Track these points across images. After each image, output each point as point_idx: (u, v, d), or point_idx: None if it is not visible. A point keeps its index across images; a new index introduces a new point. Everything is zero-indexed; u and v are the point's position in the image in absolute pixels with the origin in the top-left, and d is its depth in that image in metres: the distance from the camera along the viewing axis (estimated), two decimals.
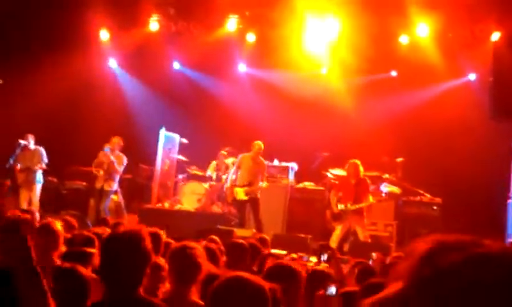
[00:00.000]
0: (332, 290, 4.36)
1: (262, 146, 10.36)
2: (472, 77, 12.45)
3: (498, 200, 9.97)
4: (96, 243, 4.50)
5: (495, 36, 11.23)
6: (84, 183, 12.21)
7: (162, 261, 4.14)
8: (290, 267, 3.87)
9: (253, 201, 10.26)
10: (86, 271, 3.42)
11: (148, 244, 2.85)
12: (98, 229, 5.53)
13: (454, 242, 1.12)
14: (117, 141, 11.01)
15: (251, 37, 13.04)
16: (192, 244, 3.89)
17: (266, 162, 10.72)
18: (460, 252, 1.06)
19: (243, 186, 10.32)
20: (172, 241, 5.55)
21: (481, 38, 11.51)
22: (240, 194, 10.32)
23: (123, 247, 2.75)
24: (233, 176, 10.49)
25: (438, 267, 1.05)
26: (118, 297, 2.71)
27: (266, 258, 5.34)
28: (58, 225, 4.54)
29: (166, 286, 3.98)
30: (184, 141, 12.53)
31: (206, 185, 11.81)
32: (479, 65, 11.88)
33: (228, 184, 10.60)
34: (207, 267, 3.81)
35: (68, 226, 5.64)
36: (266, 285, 2.40)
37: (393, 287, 1.19)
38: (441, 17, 11.30)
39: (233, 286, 2.31)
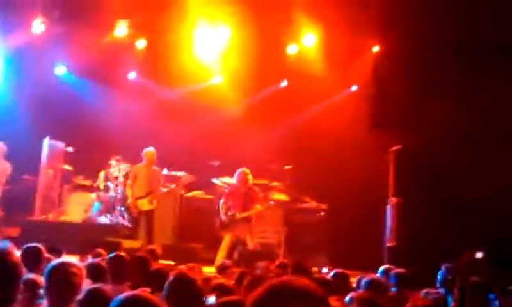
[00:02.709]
0: (210, 300, 4.42)
1: (152, 152, 10.16)
2: (355, 88, 13.02)
3: (378, 205, 10.52)
4: None
5: (376, 48, 11.86)
6: None
7: (39, 278, 4.00)
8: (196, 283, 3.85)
9: (147, 212, 10.04)
10: None
11: (16, 259, 2.76)
12: None
13: None
14: (0, 147, 10.49)
15: (141, 43, 12.85)
16: (69, 261, 3.79)
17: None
18: None
19: (146, 196, 10.08)
20: (52, 257, 5.37)
21: (362, 50, 12.10)
22: (145, 204, 10.03)
23: None
24: (130, 190, 10.14)
25: None
26: None
27: (156, 270, 5.30)
28: None
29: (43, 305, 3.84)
30: (69, 149, 12.08)
31: (93, 195, 11.48)
32: (360, 77, 12.46)
33: (130, 198, 10.22)
34: (86, 284, 3.73)
35: None
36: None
37: None
38: (325, 28, 11.75)
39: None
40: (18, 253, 3.68)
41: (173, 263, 7.38)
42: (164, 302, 2.46)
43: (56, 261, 3.84)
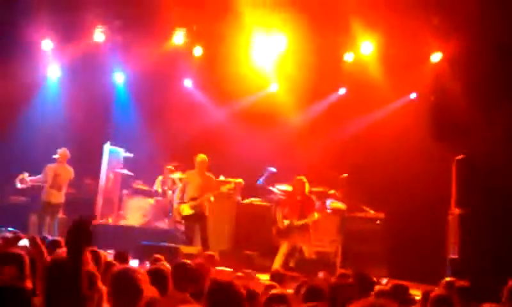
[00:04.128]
0: None
1: (203, 158, 10.17)
2: (414, 96, 12.76)
3: (439, 216, 10.24)
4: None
5: (436, 56, 11.59)
6: (24, 198, 11.82)
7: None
8: (238, 292, 3.83)
9: (201, 218, 10.10)
10: None
11: (90, 272, 2.80)
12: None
13: None
14: (64, 152, 10.80)
15: (198, 51, 13.00)
16: (133, 267, 3.83)
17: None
18: None
19: (188, 201, 10.20)
20: (114, 262, 5.44)
21: (422, 57, 11.85)
22: (186, 209, 10.13)
23: (64, 272, 2.68)
24: (180, 194, 10.30)
25: None
26: None
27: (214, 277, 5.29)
28: None
29: None
30: (129, 155, 12.33)
31: (151, 201, 11.65)
32: (420, 84, 12.21)
33: (175, 203, 10.40)
34: (149, 291, 3.74)
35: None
36: None
37: None
38: (383, 36, 11.57)
39: None
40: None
41: (231, 270, 7.38)
42: None
43: (120, 267, 3.87)
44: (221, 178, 11.10)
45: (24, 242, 4.98)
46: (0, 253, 4.05)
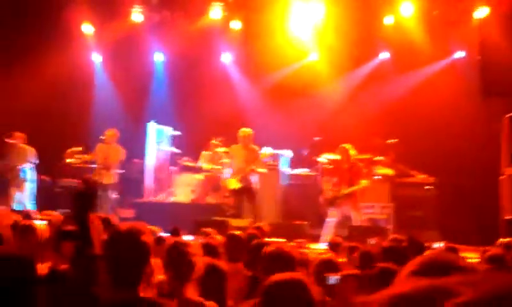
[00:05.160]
0: (333, 279, 4.37)
1: (248, 132, 10.21)
2: (460, 55, 12.42)
3: (490, 177, 10.00)
4: None
5: (482, 12, 11.21)
6: (76, 180, 12.08)
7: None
8: (291, 255, 3.87)
9: (248, 191, 10.21)
10: None
11: (150, 242, 2.83)
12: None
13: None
14: (113, 133, 10.98)
15: (235, 24, 12.94)
16: (186, 240, 3.90)
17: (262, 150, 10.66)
18: None
19: (235, 175, 10.31)
20: (165, 236, 5.53)
21: (467, 14, 11.50)
22: (233, 183, 10.29)
23: (125, 243, 2.75)
24: (227, 169, 10.47)
25: None
26: (122, 295, 2.70)
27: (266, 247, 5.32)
28: (40, 224, 4.53)
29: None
30: (176, 132, 12.44)
31: (199, 176, 11.75)
32: (466, 43, 11.86)
33: (223, 178, 10.57)
34: (203, 261, 3.80)
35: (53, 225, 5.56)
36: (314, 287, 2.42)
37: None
38: None
39: (285, 287, 2.30)
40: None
41: (283, 240, 7.38)
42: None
43: (173, 240, 3.94)
44: (270, 150, 11.07)
45: None
46: (59, 231, 4.17)
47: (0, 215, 5.46)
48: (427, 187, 10.76)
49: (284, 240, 7.32)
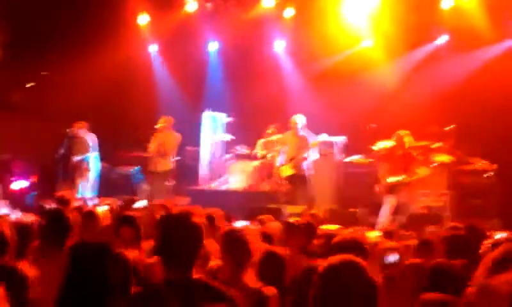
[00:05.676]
0: (392, 257, 4.32)
1: (299, 119, 10.28)
2: None
3: None
4: None
5: None
6: (135, 168, 12.36)
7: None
8: (357, 241, 3.83)
9: (301, 177, 10.23)
10: None
11: (202, 223, 2.87)
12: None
13: None
14: (167, 119, 11.14)
15: (288, 12, 12.89)
16: (244, 226, 3.91)
17: (316, 137, 10.62)
18: None
19: (288, 162, 10.32)
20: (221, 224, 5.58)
21: None
22: (286, 170, 10.35)
23: (179, 226, 2.78)
24: (281, 156, 10.53)
25: None
26: (175, 277, 2.72)
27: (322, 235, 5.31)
28: (100, 210, 4.66)
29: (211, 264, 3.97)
30: (229, 119, 12.52)
31: (254, 164, 11.80)
32: None
33: (277, 165, 10.65)
34: (260, 247, 3.80)
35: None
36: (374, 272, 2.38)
37: None
38: None
39: (343, 269, 2.27)
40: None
41: (338, 227, 7.33)
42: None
43: (231, 227, 3.96)
44: (325, 137, 11.00)
45: (139, 204, 5.25)
46: (119, 216, 4.29)
47: (69, 198, 5.66)
48: (487, 175, 10.43)
49: (339, 227, 7.27)
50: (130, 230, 3.84)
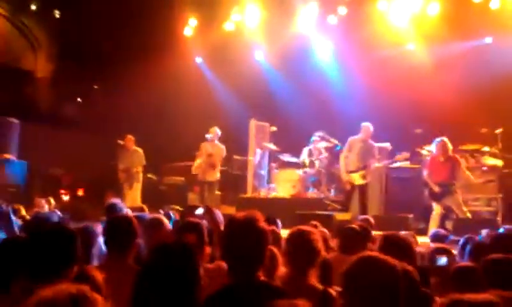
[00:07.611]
0: (443, 260, 4.34)
1: (371, 127, 10.28)
2: None
3: None
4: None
5: None
6: (182, 178, 12.59)
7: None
8: (405, 241, 3.89)
9: (365, 186, 10.25)
10: None
11: (266, 226, 2.93)
12: None
13: None
14: (214, 131, 11.33)
15: (332, 19, 12.95)
16: (308, 228, 3.95)
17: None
18: None
19: (358, 170, 10.25)
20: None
21: None
22: (358, 179, 10.24)
23: (243, 230, 2.84)
24: (344, 161, 10.37)
25: None
26: (241, 280, 2.78)
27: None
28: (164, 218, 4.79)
29: (280, 270, 4.05)
30: (274, 128, 12.63)
31: (300, 172, 11.86)
32: None
33: (343, 170, 10.43)
34: (323, 251, 3.86)
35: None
36: (397, 264, 2.44)
37: None
38: None
39: (367, 266, 2.36)
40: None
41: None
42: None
43: (295, 229, 3.99)
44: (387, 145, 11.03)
45: (199, 211, 5.38)
46: (183, 222, 4.43)
47: (121, 207, 5.84)
48: None
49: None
50: (194, 236, 3.96)
